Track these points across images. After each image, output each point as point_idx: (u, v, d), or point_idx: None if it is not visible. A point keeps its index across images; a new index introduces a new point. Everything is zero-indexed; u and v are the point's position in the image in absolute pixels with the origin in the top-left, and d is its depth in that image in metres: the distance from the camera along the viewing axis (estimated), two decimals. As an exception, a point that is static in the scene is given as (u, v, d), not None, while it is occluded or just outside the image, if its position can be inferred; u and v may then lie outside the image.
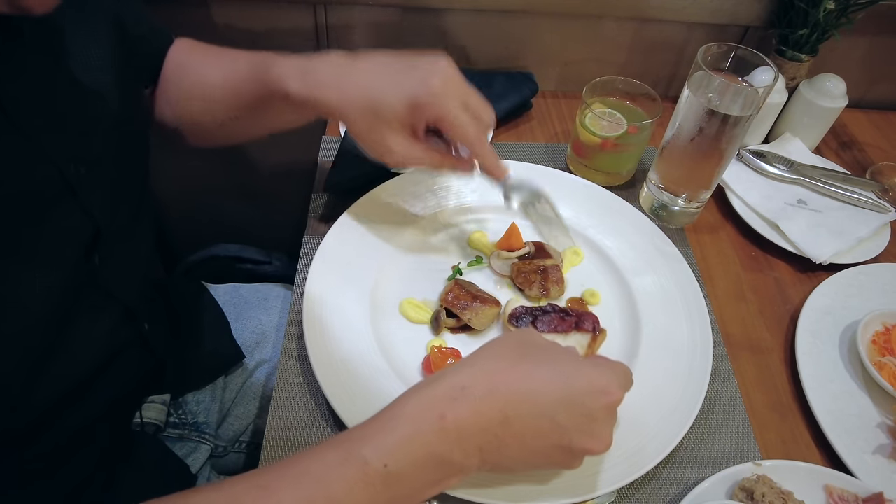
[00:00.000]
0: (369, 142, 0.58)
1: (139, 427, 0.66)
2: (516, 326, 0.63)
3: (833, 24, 0.83)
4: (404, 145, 0.57)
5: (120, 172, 0.55)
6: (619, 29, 0.94)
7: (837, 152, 0.96)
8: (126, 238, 0.57)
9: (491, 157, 0.60)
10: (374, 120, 0.56)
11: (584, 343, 0.62)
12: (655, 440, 0.57)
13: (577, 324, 0.63)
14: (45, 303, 0.46)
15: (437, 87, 0.54)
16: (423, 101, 0.54)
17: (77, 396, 0.54)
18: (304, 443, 0.58)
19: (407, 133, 0.57)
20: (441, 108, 0.55)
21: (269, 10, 0.89)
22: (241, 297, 0.83)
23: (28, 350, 0.45)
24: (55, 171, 0.46)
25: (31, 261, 0.44)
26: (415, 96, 0.54)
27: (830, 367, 0.67)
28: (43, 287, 0.45)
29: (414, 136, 0.58)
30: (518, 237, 0.73)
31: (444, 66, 0.56)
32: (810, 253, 0.77)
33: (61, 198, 0.47)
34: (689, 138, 0.71)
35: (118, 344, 0.57)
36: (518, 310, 0.65)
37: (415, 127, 0.57)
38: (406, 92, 0.54)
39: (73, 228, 0.48)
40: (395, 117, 0.55)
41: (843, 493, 0.56)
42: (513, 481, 0.53)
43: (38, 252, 0.45)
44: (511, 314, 0.64)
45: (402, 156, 0.58)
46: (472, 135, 0.57)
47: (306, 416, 0.60)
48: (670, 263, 0.72)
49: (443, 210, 0.76)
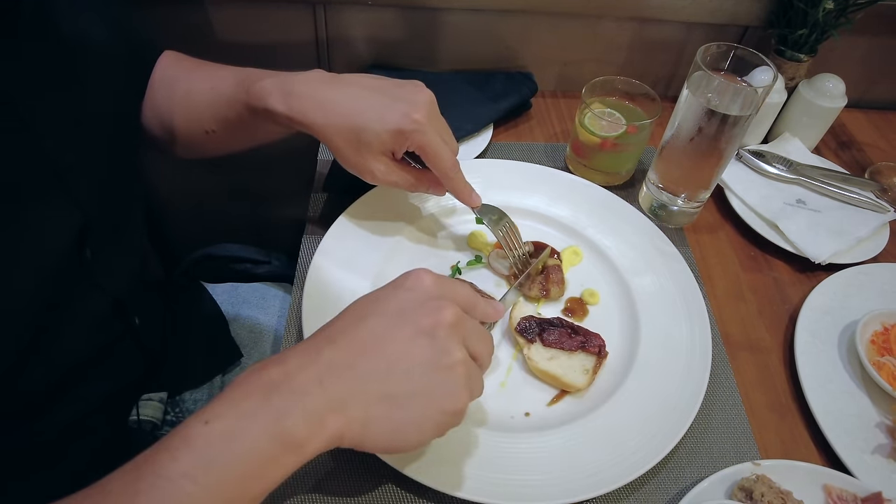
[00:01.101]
0: (352, 163, 0.61)
1: (136, 424, 0.66)
2: (524, 338, 0.63)
3: (832, 24, 0.83)
4: (385, 168, 0.61)
5: (110, 166, 0.55)
6: (619, 29, 0.94)
7: (836, 152, 0.96)
8: (117, 231, 0.57)
9: (465, 185, 0.64)
10: (358, 146, 0.59)
11: (590, 365, 0.62)
12: (654, 440, 0.57)
13: (584, 344, 0.63)
14: (34, 291, 0.46)
15: (420, 120, 0.57)
16: (407, 132, 0.58)
17: (68, 386, 0.54)
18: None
19: (388, 157, 0.61)
20: (423, 139, 0.58)
21: (269, 11, 0.89)
22: (239, 297, 0.83)
23: (16, 335, 0.45)
24: (44, 157, 0.46)
25: (17, 246, 0.44)
26: (399, 128, 0.57)
27: (829, 366, 0.67)
28: (30, 273, 0.45)
29: (393, 159, 0.62)
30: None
31: (425, 100, 0.59)
32: (809, 253, 0.77)
33: (49, 187, 0.47)
34: (688, 138, 0.71)
35: (109, 336, 0.58)
36: (525, 321, 0.64)
37: (395, 152, 0.61)
38: (391, 124, 0.57)
39: (60, 216, 0.48)
40: (379, 145, 0.59)
41: (842, 493, 0.56)
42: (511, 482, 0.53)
43: (23, 239, 0.45)
44: (518, 326, 0.64)
45: (382, 177, 0.61)
46: (449, 165, 0.61)
47: (305, 416, 0.59)
48: (669, 263, 0.72)
49: (442, 210, 0.76)
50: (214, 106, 0.63)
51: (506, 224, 0.69)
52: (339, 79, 0.60)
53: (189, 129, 0.66)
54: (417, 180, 0.64)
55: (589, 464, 0.55)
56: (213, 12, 0.89)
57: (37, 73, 0.47)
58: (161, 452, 0.37)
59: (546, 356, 0.62)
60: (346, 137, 0.58)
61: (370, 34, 0.92)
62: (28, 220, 0.45)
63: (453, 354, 0.44)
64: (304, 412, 0.39)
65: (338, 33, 0.92)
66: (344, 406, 0.41)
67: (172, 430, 0.38)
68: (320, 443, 0.40)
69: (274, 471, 0.39)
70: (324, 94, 0.58)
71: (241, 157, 0.72)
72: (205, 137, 0.66)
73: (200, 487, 0.36)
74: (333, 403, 0.40)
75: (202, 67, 0.67)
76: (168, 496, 0.35)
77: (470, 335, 0.46)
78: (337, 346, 0.43)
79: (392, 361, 0.43)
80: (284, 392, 0.40)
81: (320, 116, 0.58)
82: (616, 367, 0.64)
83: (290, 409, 0.39)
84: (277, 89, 0.58)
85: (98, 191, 0.52)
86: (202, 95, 0.64)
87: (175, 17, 0.87)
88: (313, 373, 0.41)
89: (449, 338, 0.44)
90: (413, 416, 0.43)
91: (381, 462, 0.54)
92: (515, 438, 0.57)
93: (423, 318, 0.44)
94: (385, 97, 0.59)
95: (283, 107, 0.58)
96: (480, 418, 0.59)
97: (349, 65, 0.95)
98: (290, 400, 0.39)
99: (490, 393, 0.61)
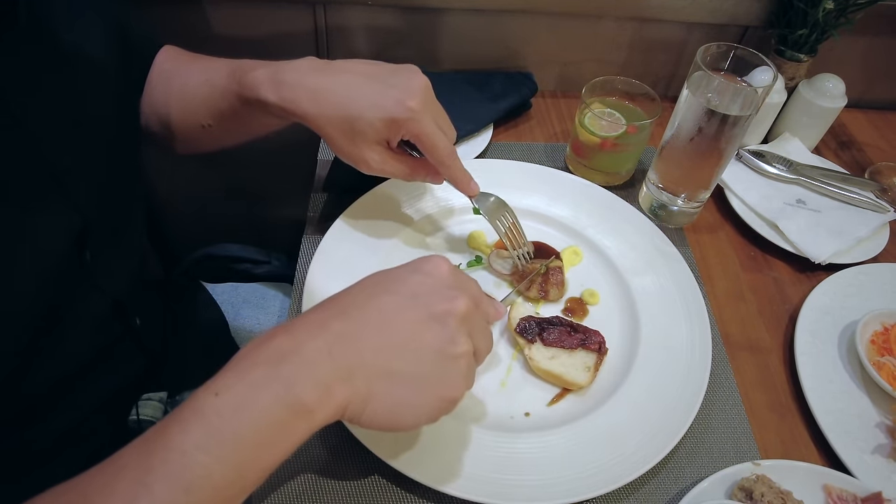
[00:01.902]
0: (346, 153, 0.60)
1: (136, 424, 0.66)
2: (525, 338, 0.63)
3: (832, 24, 0.83)
4: (380, 158, 0.60)
5: (110, 168, 0.55)
6: (619, 29, 0.94)
7: (836, 152, 0.96)
8: (117, 233, 0.57)
9: (463, 173, 0.63)
10: (352, 135, 0.58)
11: (591, 362, 0.62)
12: (654, 440, 0.57)
13: (584, 341, 0.63)
14: (34, 294, 0.46)
15: (415, 108, 0.56)
16: (402, 120, 0.56)
17: (70, 387, 0.54)
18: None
19: (383, 146, 0.60)
20: (418, 127, 0.57)
21: (269, 11, 0.89)
22: (239, 297, 0.83)
23: (17, 338, 0.45)
24: (41, 160, 0.46)
25: (16, 249, 0.44)
26: (392, 116, 0.56)
27: (829, 366, 0.67)
28: (30, 276, 0.45)
29: (388, 148, 0.60)
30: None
31: (419, 86, 0.57)
32: (809, 253, 0.77)
33: (46, 188, 0.47)
34: (688, 138, 0.71)
35: (109, 337, 0.58)
36: (524, 322, 0.64)
37: (390, 140, 0.59)
38: (384, 112, 0.56)
39: (59, 220, 0.48)
40: (373, 134, 0.57)
41: (842, 493, 0.56)
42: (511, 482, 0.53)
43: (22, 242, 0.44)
44: (518, 327, 0.64)
45: (377, 166, 0.60)
46: (446, 153, 0.60)
47: (305, 416, 0.59)
48: (669, 263, 0.72)
49: (442, 210, 0.76)
50: (209, 99, 0.62)
51: (506, 216, 0.68)
52: (331, 66, 0.59)
53: (186, 124, 0.65)
54: (414, 169, 0.63)
55: (589, 464, 0.55)
56: (211, 12, 0.89)
57: (31, 71, 0.46)
58: (172, 426, 0.37)
59: (547, 355, 0.62)
60: (340, 127, 0.57)
61: (370, 34, 0.92)
62: (26, 223, 0.45)
63: (461, 345, 0.44)
64: (313, 380, 0.39)
65: (337, 33, 0.92)
66: (351, 376, 0.41)
67: (182, 404, 0.38)
68: (328, 411, 0.40)
69: (285, 439, 0.39)
70: (315, 82, 0.57)
71: (242, 157, 0.72)
72: (201, 132, 0.65)
73: (214, 458, 0.36)
74: (341, 372, 0.41)
75: (197, 61, 0.66)
76: (181, 469, 0.35)
77: (476, 330, 0.47)
78: (348, 319, 0.43)
79: (401, 341, 0.43)
80: (294, 361, 0.40)
81: (313, 106, 0.57)
82: (616, 368, 0.64)
83: (300, 376, 0.39)
84: (268, 79, 0.57)
85: (97, 193, 0.52)
86: (197, 89, 0.63)
87: (174, 17, 0.87)
88: (322, 343, 0.41)
89: (459, 328, 0.44)
90: (413, 397, 0.43)
91: (381, 462, 0.54)
92: (515, 438, 0.57)
93: (437, 304, 0.44)
94: (378, 84, 0.57)
95: (274, 97, 0.57)
96: (480, 418, 0.59)
97: (349, 65, 0.95)
98: (300, 368, 0.40)
99: (490, 393, 0.61)
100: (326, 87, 0.57)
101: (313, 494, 0.54)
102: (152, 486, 0.35)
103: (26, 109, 0.45)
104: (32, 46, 0.46)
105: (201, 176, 1.11)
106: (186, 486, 0.35)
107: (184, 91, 0.64)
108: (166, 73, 0.66)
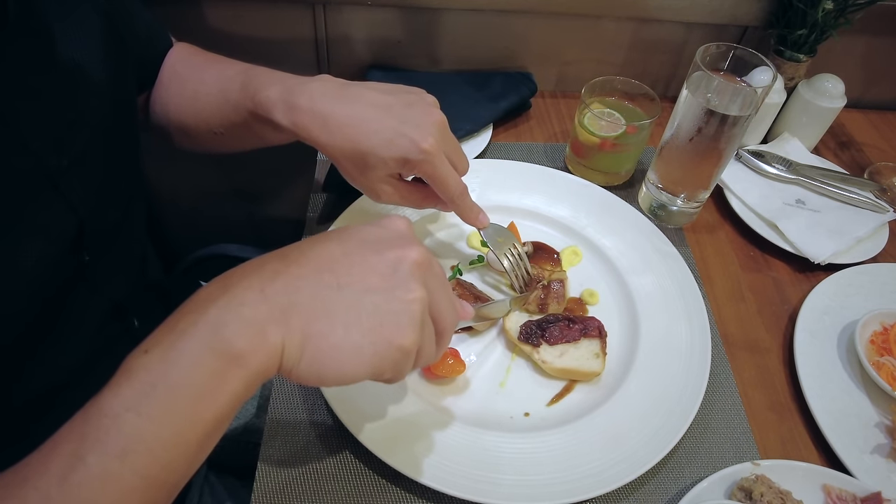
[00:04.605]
0: (357, 183, 0.61)
1: None
2: (530, 344, 0.63)
3: (831, 25, 0.83)
4: (391, 190, 0.60)
5: (108, 169, 0.55)
6: (618, 29, 0.94)
7: (836, 152, 0.96)
8: (115, 235, 0.56)
9: (471, 208, 0.63)
10: (363, 168, 0.58)
11: (597, 348, 0.62)
12: (654, 440, 0.57)
13: (584, 330, 0.63)
14: (31, 296, 0.46)
15: (429, 150, 0.56)
16: (414, 162, 0.56)
17: (67, 389, 0.54)
18: (302, 441, 0.58)
19: (395, 178, 0.60)
20: (430, 168, 0.57)
21: (268, 10, 0.89)
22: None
23: (14, 340, 0.45)
24: (34, 161, 0.46)
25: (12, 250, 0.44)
26: (406, 157, 0.56)
27: (829, 366, 0.67)
28: (27, 277, 0.45)
29: (399, 180, 0.61)
30: (517, 237, 0.73)
31: (434, 124, 0.57)
32: (809, 253, 0.77)
33: (41, 190, 0.46)
34: (687, 138, 0.71)
35: (108, 338, 0.57)
36: (525, 329, 0.64)
37: (402, 175, 0.60)
38: (398, 152, 0.56)
39: (55, 222, 0.48)
40: (385, 170, 0.58)
41: (842, 493, 0.56)
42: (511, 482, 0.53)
43: (18, 243, 0.44)
44: (520, 335, 0.64)
45: (388, 199, 0.61)
46: (457, 192, 0.60)
47: (304, 416, 0.60)
48: (669, 263, 0.72)
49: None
50: (222, 110, 0.62)
51: (512, 251, 0.68)
52: (345, 91, 0.58)
53: (197, 128, 0.65)
54: (424, 199, 0.63)
55: (589, 464, 0.55)
56: (210, 12, 0.89)
57: (20, 72, 0.46)
58: (104, 392, 0.35)
59: (556, 354, 0.62)
60: (351, 159, 0.57)
61: (370, 34, 0.92)
62: (20, 224, 0.45)
63: (413, 290, 0.40)
64: (242, 320, 0.36)
65: (337, 33, 0.92)
66: (286, 317, 0.37)
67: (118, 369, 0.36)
68: (261, 357, 0.37)
69: (220, 389, 0.36)
70: (329, 109, 0.57)
71: (242, 157, 0.71)
72: (213, 137, 0.65)
73: (145, 418, 0.34)
74: (274, 313, 0.37)
75: (211, 66, 0.66)
76: (114, 434, 0.33)
77: (435, 287, 0.42)
78: (287, 259, 0.40)
79: (345, 281, 0.39)
80: (221, 303, 0.36)
81: (324, 134, 0.57)
82: (616, 368, 0.64)
83: (227, 318, 0.36)
84: (281, 101, 0.57)
85: (95, 194, 0.52)
86: (210, 97, 0.63)
87: (172, 17, 0.87)
88: (255, 281, 0.38)
89: (411, 273, 0.41)
90: (354, 340, 0.39)
91: (381, 462, 0.54)
92: (515, 438, 0.57)
93: (388, 250, 0.41)
94: (393, 120, 0.57)
95: (286, 121, 0.57)
96: (480, 418, 0.59)
97: (349, 65, 0.95)
98: (227, 309, 0.36)
99: (489, 393, 0.62)
100: (339, 117, 0.57)
101: (313, 494, 0.54)
102: (85, 457, 0.33)
103: (17, 110, 0.45)
104: (22, 47, 0.46)
105: (201, 176, 1.11)
106: (120, 452, 0.33)
107: (197, 97, 0.64)
108: (180, 77, 0.66)
